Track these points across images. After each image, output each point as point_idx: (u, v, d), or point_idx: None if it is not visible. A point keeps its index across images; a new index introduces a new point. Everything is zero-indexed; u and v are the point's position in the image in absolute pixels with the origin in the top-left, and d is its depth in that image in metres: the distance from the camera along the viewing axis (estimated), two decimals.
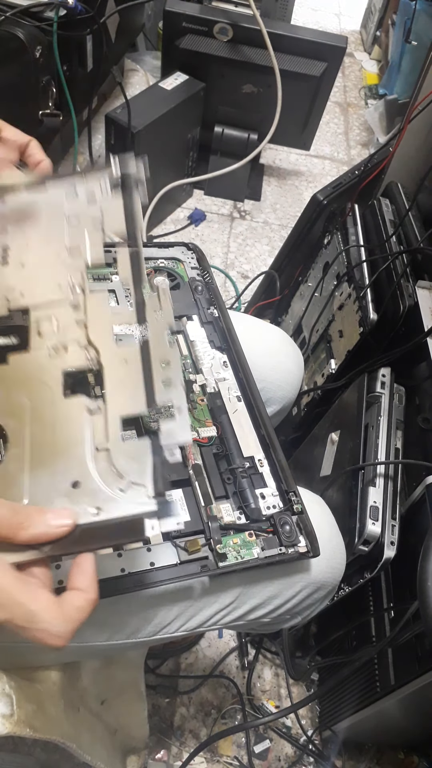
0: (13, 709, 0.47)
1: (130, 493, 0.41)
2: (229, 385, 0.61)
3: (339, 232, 1.04)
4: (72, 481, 0.41)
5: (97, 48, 1.23)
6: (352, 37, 2.63)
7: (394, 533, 0.73)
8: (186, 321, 0.65)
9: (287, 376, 0.76)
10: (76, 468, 0.42)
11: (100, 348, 0.47)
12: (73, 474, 0.41)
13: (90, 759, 0.59)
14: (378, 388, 0.85)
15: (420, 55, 1.87)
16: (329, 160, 2.04)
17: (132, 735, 0.77)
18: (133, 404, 0.44)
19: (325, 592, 0.60)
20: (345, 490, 0.80)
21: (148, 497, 0.40)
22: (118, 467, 0.42)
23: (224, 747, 0.95)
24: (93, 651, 0.56)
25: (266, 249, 1.70)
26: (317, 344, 1.09)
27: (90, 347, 0.47)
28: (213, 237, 1.70)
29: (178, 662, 1.02)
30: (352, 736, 0.91)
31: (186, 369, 0.61)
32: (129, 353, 0.47)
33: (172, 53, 1.55)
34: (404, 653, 0.73)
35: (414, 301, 0.86)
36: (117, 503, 0.40)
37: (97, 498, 0.40)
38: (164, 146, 1.51)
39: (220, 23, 1.48)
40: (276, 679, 1.03)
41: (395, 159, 1.05)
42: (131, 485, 0.41)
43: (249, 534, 0.51)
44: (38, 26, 1.04)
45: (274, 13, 1.80)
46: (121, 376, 0.46)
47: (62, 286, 0.50)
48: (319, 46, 1.52)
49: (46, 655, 0.54)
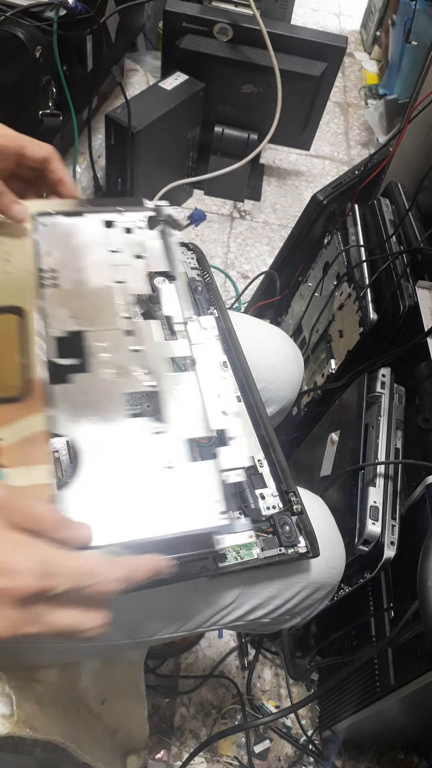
0: (13, 709, 0.47)
1: (202, 510, 0.44)
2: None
3: (339, 232, 1.04)
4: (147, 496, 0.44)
5: (97, 48, 1.23)
6: (352, 37, 2.63)
7: (394, 533, 0.73)
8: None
9: (287, 376, 0.76)
10: (151, 485, 0.45)
11: (157, 374, 0.51)
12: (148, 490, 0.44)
13: (90, 759, 0.59)
14: (378, 388, 0.85)
15: (420, 55, 1.87)
16: (329, 160, 2.04)
17: (132, 735, 0.77)
18: (195, 428, 0.49)
19: (325, 593, 0.60)
20: (345, 490, 0.80)
21: (220, 514, 0.44)
22: (188, 485, 0.45)
23: (224, 747, 0.95)
24: (93, 651, 0.56)
25: (266, 249, 1.70)
26: (317, 344, 1.09)
27: (148, 373, 0.51)
28: (213, 237, 1.70)
29: (178, 662, 1.02)
30: (352, 736, 0.91)
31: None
32: (185, 382, 0.51)
33: (172, 53, 1.55)
34: (404, 653, 0.73)
35: (414, 301, 0.86)
36: (190, 518, 0.43)
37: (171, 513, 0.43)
38: (164, 146, 1.51)
39: (220, 23, 1.48)
40: (276, 679, 1.03)
41: (395, 159, 1.05)
42: (202, 502, 0.44)
43: (248, 534, 0.51)
44: (38, 26, 1.04)
45: (274, 13, 1.80)
46: (181, 402, 0.50)
47: (115, 314, 0.54)
48: (319, 46, 1.52)
49: (47, 655, 0.54)
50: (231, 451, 0.48)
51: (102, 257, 0.58)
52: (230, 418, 0.50)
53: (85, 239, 0.59)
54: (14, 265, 0.55)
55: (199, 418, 0.49)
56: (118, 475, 0.45)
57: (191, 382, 0.51)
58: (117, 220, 0.61)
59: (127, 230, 0.61)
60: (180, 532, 0.43)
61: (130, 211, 0.62)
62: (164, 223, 0.63)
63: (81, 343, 0.52)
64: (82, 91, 1.26)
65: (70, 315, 0.53)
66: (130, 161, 1.41)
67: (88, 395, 0.48)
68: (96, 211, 0.61)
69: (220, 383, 0.52)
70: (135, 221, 0.62)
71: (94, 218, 0.61)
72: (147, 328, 0.54)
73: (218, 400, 0.51)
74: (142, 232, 0.61)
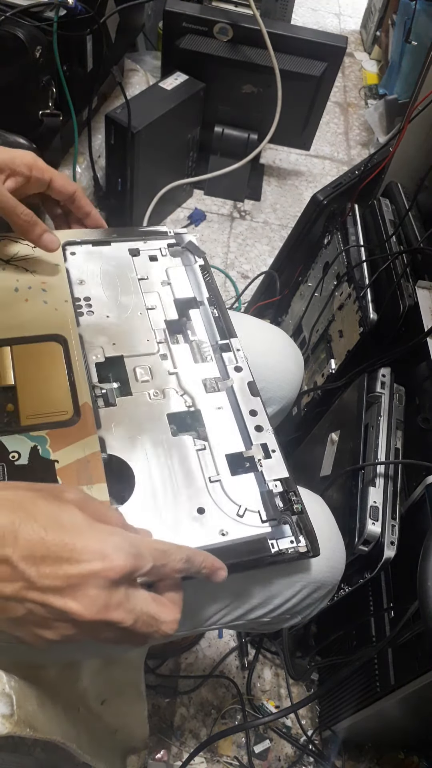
0: (13, 709, 0.47)
1: (248, 518, 0.48)
2: None
3: (339, 232, 1.04)
4: (197, 507, 0.48)
5: (97, 48, 1.23)
6: (352, 37, 2.63)
7: (394, 533, 0.73)
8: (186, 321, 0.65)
9: (287, 376, 0.76)
10: (199, 497, 0.49)
11: (193, 395, 0.55)
12: (197, 502, 0.48)
13: (90, 759, 0.59)
14: (378, 388, 0.85)
15: (420, 55, 1.87)
16: (329, 160, 2.04)
17: (132, 735, 0.77)
18: (234, 444, 0.53)
19: (325, 592, 0.60)
20: (345, 490, 0.80)
21: (263, 521, 0.48)
22: (232, 496, 0.49)
23: (224, 747, 0.95)
24: (93, 651, 0.56)
25: (266, 249, 1.70)
26: (317, 344, 1.09)
27: (186, 394, 0.55)
28: (213, 237, 1.70)
29: (178, 662, 1.02)
30: (352, 736, 0.91)
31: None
32: (219, 401, 0.55)
33: (172, 53, 1.55)
34: (404, 653, 0.73)
35: (414, 301, 0.86)
36: (238, 527, 0.47)
37: (222, 522, 0.47)
38: (164, 146, 1.51)
39: (220, 23, 1.48)
40: (276, 679, 1.03)
41: (395, 159, 1.05)
42: (247, 512, 0.48)
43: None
44: (38, 26, 1.04)
45: (274, 13, 1.80)
46: (218, 420, 0.54)
47: (149, 340, 0.58)
48: (319, 46, 1.52)
49: (47, 655, 0.54)
50: (271, 464, 0.52)
51: (131, 284, 0.62)
52: (265, 433, 0.54)
53: (112, 268, 0.63)
54: (51, 294, 0.58)
55: (236, 434, 0.53)
56: (167, 490, 0.48)
57: (225, 402, 0.55)
58: (141, 247, 0.65)
59: (152, 258, 0.65)
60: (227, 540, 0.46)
61: (152, 239, 0.67)
62: (186, 250, 0.67)
63: (121, 368, 0.56)
64: (82, 91, 1.26)
65: (108, 341, 0.57)
66: (130, 161, 1.41)
67: (133, 416, 0.52)
68: (121, 240, 0.65)
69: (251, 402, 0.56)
70: (158, 249, 0.66)
71: (120, 246, 0.65)
72: (179, 351, 0.58)
73: (252, 417, 0.54)
74: (166, 260, 0.65)
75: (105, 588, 0.35)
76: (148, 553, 0.38)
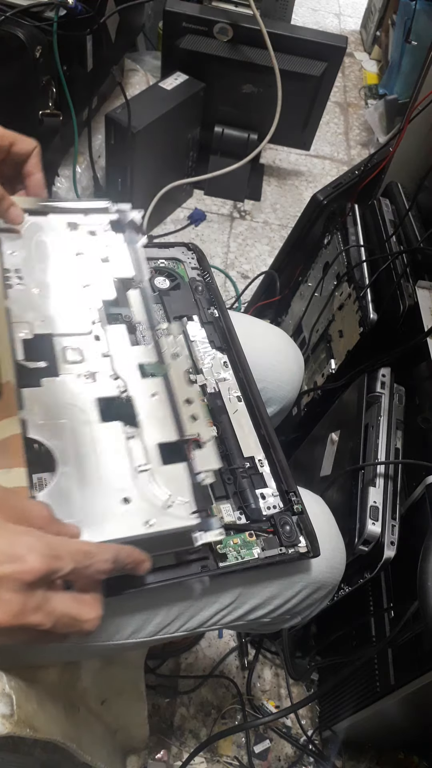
0: (13, 709, 0.47)
1: (175, 510, 0.46)
2: (229, 385, 0.61)
3: (339, 232, 1.04)
4: (123, 497, 0.45)
5: (97, 48, 1.23)
6: (352, 37, 2.63)
7: (394, 533, 0.73)
8: (186, 321, 0.65)
9: (287, 376, 0.76)
10: (125, 487, 0.46)
11: (126, 380, 0.52)
12: (123, 492, 0.46)
13: (90, 759, 0.59)
14: (378, 388, 0.85)
15: (420, 55, 1.87)
16: (329, 160, 2.04)
17: (132, 735, 0.77)
18: (167, 433, 0.49)
19: (325, 592, 0.60)
20: (345, 490, 0.80)
21: (191, 513, 0.46)
22: (161, 486, 0.47)
23: (224, 747, 0.95)
24: (93, 651, 0.56)
25: (266, 249, 1.70)
26: (317, 344, 1.09)
27: (118, 378, 0.52)
28: (213, 237, 1.70)
29: (178, 662, 1.02)
30: (352, 736, 0.91)
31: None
32: (154, 387, 0.52)
33: (172, 53, 1.55)
34: (404, 653, 0.73)
35: (414, 301, 0.86)
36: (165, 518, 0.45)
37: (148, 513, 0.45)
38: (164, 146, 1.51)
39: (220, 23, 1.48)
40: (276, 679, 1.03)
41: (395, 159, 1.05)
42: (175, 503, 0.46)
43: (249, 534, 0.52)
44: (38, 26, 1.04)
45: (274, 13, 1.80)
46: (152, 407, 0.51)
47: (82, 318, 0.54)
48: (319, 46, 1.52)
49: (47, 654, 0.54)
50: (203, 455, 0.50)
51: (67, 259, 0.58)
52: (200, 423, 0.51)
53: (49, 240, 0.58)
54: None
55: (170, 423, 0.50)
56: (92, 478, 0.45)
57: (160, 389, 0.52)
58: (80, 222, 0.60)
59: (91, 233, 0.60)
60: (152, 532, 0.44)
61: (94, 213, 0.61)
62: (128, 228, 0.62)
63: (50, 347, 0.52)
64: (82, 91, 1.26)
65: (37, 317, 0.53)
66: (130, 161, 1.41)
67: (59, 399, 0.49)
68: (60, 211, 0.60)
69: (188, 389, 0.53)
70: (99, 224, 0.61)
71: (58, 218, 0.60)
72: (114, 333, 0.54)
73: (188, 406, 0.52)
74: (106, 236, 0.61)
75: (19, 591, 0.34)
76: (68, 555, 0.36)
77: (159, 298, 0.66)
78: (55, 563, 0.35)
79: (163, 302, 0.65)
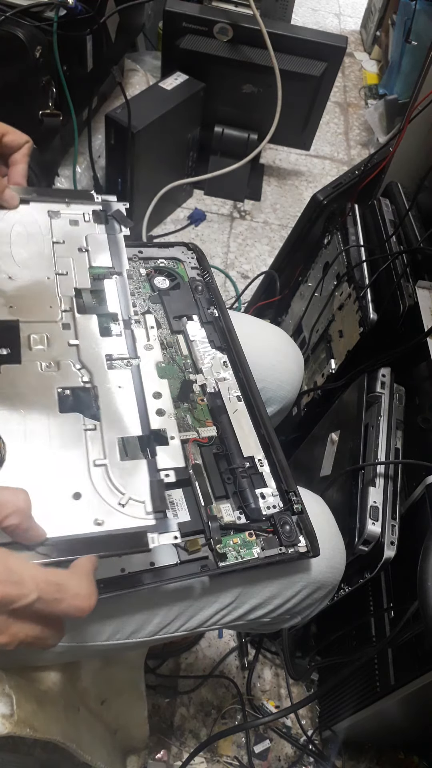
0: (13, 709, 0.47)
1: (129, 509, 0.44)
2: (229, 384, 0.61)
3: (339, 232, 1.04)
4: (73, 492, 0.43)
5: (97, 48, 1.23)
6: (352, 37, 2.63)
7: (394, 533, 0.73)
8: (186, 321, 0.65)
9: (287, 376, 0.76)
10: (77, 481, 0.44)
11: (92, 370, 0.50)
12: (74, 486, 0.43)
13: (90, 759, 0.59)
14: (378, 388, 0.85)
15: (420, 55, 1.87)
16: (329, 160, 2.04)
17: (132, 735, 0.77)
18: (130, 427, 0.48)
19: (325, 592, 0.60)
20: (345, 490, 0.80)
21: (147, 513, 0.44)
22: (117, 483, 0.44)
23: (224, 747, 0.95)
24: (93, 651, 0.56)
25: (266, 249, 1.70)
26: (317, 344, 1.09)
27: (83, 369, 0.50)
28: (213, 237, 1.70)
29: (178, 662, 1.02)
30: (352, 736, 0.91)
31: (186, 369, 0.61)
32: (122, 380, 0.50)
33: (172, 53, 1.55)
34: (404, 653, 0.73)
35: (414, 301, 0.86)
36: (117, 517, 0.43)
37: (98, 511, 0.43)
38: (164, 146, 1.51)
39: (220, 23, 1.48)
40: (276, 679, 1.03)
41: (395, 159, 1.05)
42: (130, 501, 0.44)
43: (249, 534, 0.51)
44: (38, 26, 1.04)
45: (274, 13, 1.80)
46: (116, 400, 0.49)
47: (53, 306, 0.53)
48: (319, 46, 1.52)
49: (46, 655, 0.54)
50: (166, 452, 0.48)
51: (44, 248, 0.57)
52: (166, 419, 0.49)
53: (27, 228, 0.57)
54: None
55: (134, 417, 0.49)
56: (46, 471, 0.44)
57: (127, 381, 0.51)
58: (62, 211, 0.60)
59: (73, 222, 0.60)
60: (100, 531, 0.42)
61: (77, 203, 0.61)
62: (112, 219, 0.61)
63: (14, 334, 0.51)
64: (82, 91, 1.26)
65: (5, 303, 0.52)
66: (130, 161, 1.41)
67: (17, 387, 0.47)
68: (42, 200, 0.60)
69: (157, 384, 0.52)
70: (81, 214, 0.60)
71: (40, 207, 0.59)
72: (84, 322, 0.53)
73: (155, 400, 0.50)
74: (87, 226, 0.60)
75: None
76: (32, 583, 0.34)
77: (159, 298, 0.65)
78: (15, 590, 0.34)
79: (162, 302, 0.65)
